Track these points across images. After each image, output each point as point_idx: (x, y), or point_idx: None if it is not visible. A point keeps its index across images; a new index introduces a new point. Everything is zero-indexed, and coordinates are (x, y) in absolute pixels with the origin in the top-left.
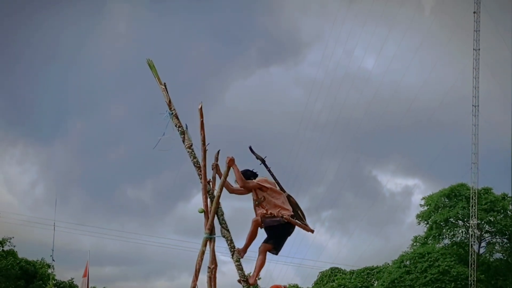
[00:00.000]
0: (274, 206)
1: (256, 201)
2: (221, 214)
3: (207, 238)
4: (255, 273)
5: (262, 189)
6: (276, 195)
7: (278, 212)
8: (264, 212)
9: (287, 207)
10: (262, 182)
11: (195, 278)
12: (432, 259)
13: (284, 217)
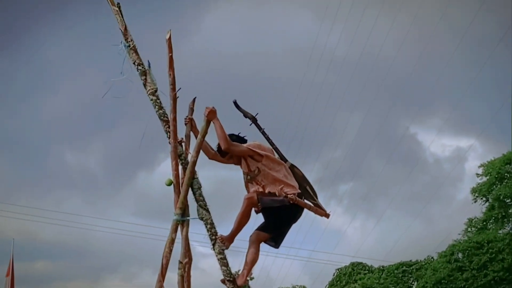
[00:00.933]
0: (273, 181)
1: (248, 175)
2: (198, 187)
3: (178, 222)
4: (245, 270)
5: (255, 158)
6: (275, 165)
7: (280, 190)
8: (260, 190)
9: (291, 182)
10: (254, 147)
11: (162, 277)
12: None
13: (288, 196)
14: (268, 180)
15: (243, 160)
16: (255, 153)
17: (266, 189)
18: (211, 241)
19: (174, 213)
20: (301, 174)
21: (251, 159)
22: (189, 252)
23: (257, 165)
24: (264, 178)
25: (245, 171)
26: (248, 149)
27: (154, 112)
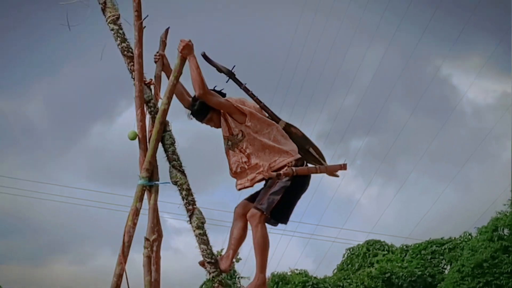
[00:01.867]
0: (260, 147)
1: (228, 141)
2: (171, 143)
3: (144, 187)
4: (230, 250)
5: (238, 118)
6: (264, 127)
7: (267, 169)
8: (244, 160)
9: (285, 147)
10: (237, 102)
11: (123, 259)
12: None
13: (282, 173)
14: (254, 147)
15: (223, 120)
16: (238, 111)
17: (251, 159)
18: (187, 213)
19: (139, 176)
20: (301, 134)
21: (233, 119)
22: (158, 227)
23: (241, 127)
24: (249, 145)
25: (225, 135)
26: (229, 103)
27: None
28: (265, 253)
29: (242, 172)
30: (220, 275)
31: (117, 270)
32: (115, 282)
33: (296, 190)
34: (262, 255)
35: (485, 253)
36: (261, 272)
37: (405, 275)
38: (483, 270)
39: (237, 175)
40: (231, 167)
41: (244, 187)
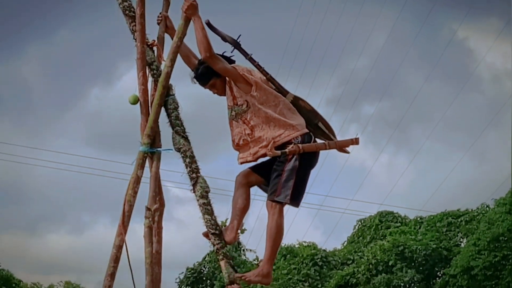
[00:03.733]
0: (265, 120)
1: (232, 110)
2: (174, 108)
3: (146, 154)
4: (234, 221)
5: (243, 87)
6: (270, 99)
7: (271, 148)
8: (247, 132)
9: (292, 120)
10: (244, 71)
11: (123, 229)
12: None
13: (287, 151)
14: (259, 119)
15: (228, 88)
16: (244, 79)
17: (255, 132)
18: (191, 181)
19: (140, 142)
20: (310, 107)
21: (238, 88)
22: (160, 196)
23: (246, 97)
24: (254, 116)
25: (229, 105)
26: (235, 71)
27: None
28: (276, 244)
29: (245, 145)
30: (224, 247)
31: (116, 241)
32: (115, 253)
33: (305, 169)
34: (273, 245)
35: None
36: (267, 263)
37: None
38: (500, 243)
39: (239, 148)
40: (234, 139)
41: (246, 161)
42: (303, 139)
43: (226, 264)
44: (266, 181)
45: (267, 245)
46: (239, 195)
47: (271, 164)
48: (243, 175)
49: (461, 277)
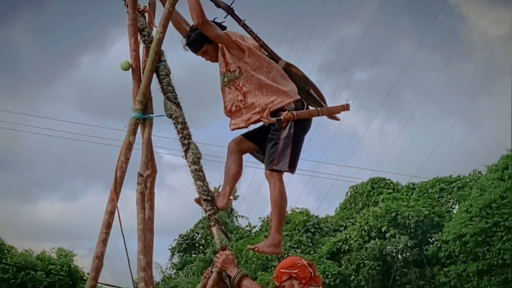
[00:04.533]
0: (258, 86)
1: (224, 77)
2: (166, 74)
3: (138, 120)
4: (227, 187)
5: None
6: (263, 65)
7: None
8: (239, 98)
9: (284, 87)
10: (236, 37)
11: (115, 195)
12: None
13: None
14: (252, 85)
15: (221, 55)
16: (236, 46)
17: (247, 98)
18: (183, 147)
19: (132, 108)
20: (301, 74)
21: (230, 54)
22: (152, 162)
23: (239, 64)
24: (246, 83)
25: (222, 71)
26: (228, 37)
27: None
28: (282, 212)
29: (237, 111)
30: (216, 213)
31: (108, 207)
32: (107, 220)
33: (300, 135)
34: (279, 214)
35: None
36: (276, 232)
37: (411, 215)
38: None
39: (231, 114)
40: (226, 105)
41: (239, 128)
42: (296, 106)
43: (218, 230)
44: (259, 148)
45: (273, 215)
46: (232, 161)
47: (263, 131)
48: (236, 142)
49: (453, 243)
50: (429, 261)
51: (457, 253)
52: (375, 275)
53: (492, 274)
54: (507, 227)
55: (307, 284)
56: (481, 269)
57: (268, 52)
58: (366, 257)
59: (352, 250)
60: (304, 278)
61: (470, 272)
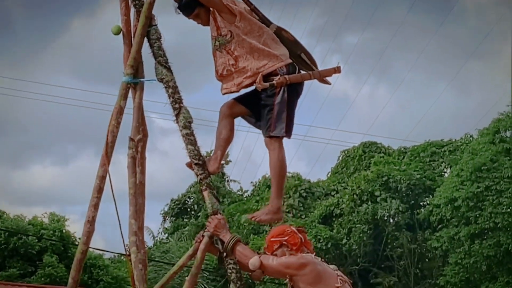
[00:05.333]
0: (249, 50)
1: (216, 41)
2: (157, 38)
3: (129, 84)
4: (218, 151)
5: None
6: (254, 29)
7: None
8: (231, 62)
9: (276, 51)
10: (227, 1)
11: (106, 159)
12: None
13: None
14: (243, 49)
15: (212, 19)
16: (228, 9)
17: (239, 62)
18: (174, 111)
19: (123, 73)
20: (292, 38)
21: (222, 18)
22: (143, 126)
23: (230, 28)
24: (238, 47)
25: (213, 35)
26: (219, 1)
27: None
28: (282, 179)
29: (229, 76)
30: (208, 177)
31: (100, 171)
32: (98, 184)
33: (293, 99)
34: (279, 180)
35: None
36: (276, 198)
37: (403, 179)
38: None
39: (223, 78)
40: (217, 69)
41: (230, 92)
42: (288, 70)
43: (210, 195)
44: (250, 112)
45: (273, 181)
46: (223, 126)
47: (255, 95)
48: (228, 106)
49: (445, 207)
50: (420, 225)
51: (449, 217)
52: (366, 239)
53: (483, 238)
54: (498, 191)
55: (298, 250)
56: (473, 233)
57: (259, 16)
58: (358, 221)
59: (343, 214)
60: (295, 245)
61: (462, 236)
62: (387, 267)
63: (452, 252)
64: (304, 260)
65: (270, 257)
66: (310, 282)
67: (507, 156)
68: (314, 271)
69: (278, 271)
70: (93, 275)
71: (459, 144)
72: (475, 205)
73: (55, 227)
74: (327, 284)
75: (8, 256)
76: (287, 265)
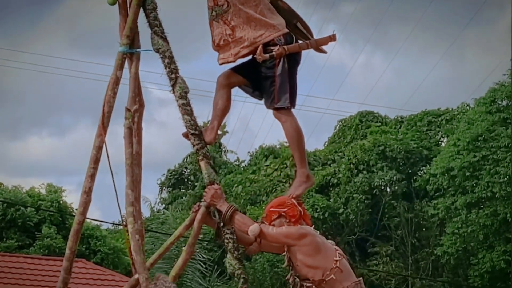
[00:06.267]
0: (246, 20)
1: (212, 11)
2: (153, 8)
3: (125, 55)
4: (215, 121)
5: None
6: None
7: (260, 51)
8: (227, 32)
9: (272, 20)
10: None
11: (102, 130)
12: None
13: (274, 53)
14: (240, 19)
15: None
16: None
17: (236, 32)
18: (170, 81)
19: (119, 43)
20: (287, 7)
21: None
22: (140, 97)
23: None
24: (234, 17)
25: (210, 5)
26: None
27: None
28: (301, 147)
29: (226, 45)
30: (204, 147)
31: (96, 142)
32: (95, 155)
33: (293, 69)
34: (299, 149)
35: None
36: (302, 167)
37: (399, 148)
38: (479, 143)
39: (220, 48)
40: (214, 39)
41: (227, 62)
42: (286, 40)
43: (206, 165)
44: (248, 82)
45: (294, 152)
46: (220, 96)
47: (252, 65)
48: (225, 76)
49: (442, 177)
50: (417, 194)
51: (445, 186)
52: (363, 208)
53: (480, 207)
54: (495, 160)
55: (296, 223)
56: (470, 202)
57: None
58: (355, 190)
59: (340, 183)
60: (293, 217)
61: (458, 205)
62: (384, 237)
63: (449, 222)
64: (304, 230)
65: (269, 226)
66: (309, 254)
67: (504, 126)
68: (313, 242)
69: (277, 240)
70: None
71: (456, 113)
72: (471, 174)
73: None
74: (326, 257)
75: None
76: (286, 235)
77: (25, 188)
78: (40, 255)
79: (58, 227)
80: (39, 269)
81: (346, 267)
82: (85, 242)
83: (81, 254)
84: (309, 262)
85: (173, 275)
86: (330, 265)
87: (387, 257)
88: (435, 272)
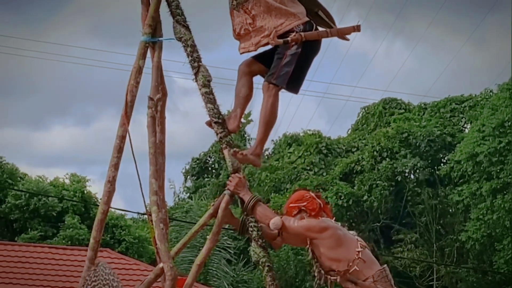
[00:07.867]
0: (267, 9)
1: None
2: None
3: (147, 44)
4: (238, 109)
5: None
6: None
7: (274, 36)
8: (248, 22)
9: (293, 9)
10: None
11: (126, 119)
12: None
13: (290, 39)
14: (260, 8)
15: None
16: None
17: (256, 21)
18: (193, 70)
19: (141, 32)
20: None
21: None
22: (162, 86)
23: None
24: (255, 6)
25: None
26: None
27: None
28: (269, 126)
29: (246, 35)
30: (228, 135)
31: (119, 131)
32: (118, 144)
33: (307, 56)
34: (265, 128)
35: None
36: (260, 144)
37: (423, 135)
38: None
39: (240, 37)
40: (235, 28)
41: (248, 51)
42: (305, 28)
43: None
44: (269, 70)
45: (260, 127)
46: (242, 84)
47: (273, 53)
48: (246, 64)
49: (466, 163)
50: (441, 181)
51: (470, 173)
52: (387, 196)
53: (505, 192)
54: None
55: (317, 216)
56: (495, 187)
57: None
58: (379, 177)
59: (364, 171)
60: (313, 210)
61: (483, 191)
62: (408, 224)
63: (474, 208)
64: (325, 224)
65: (291, 218)
66: (331, 246)
67: None
68: (335, 235)
69: (298, 233)
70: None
71: (479, 100)
72: (497, 160)
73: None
74: (348, 249)
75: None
76: (308, 228)
77: (49, 178)
78: (64, 245)
79: (81, 217)
80: (64, 259)
81: (368, 257)
82: (110, 231)
83: (106, 243)
84: (332, 255)
85: (198, 264)
86: (352, 256)
87: (411, 244)
88: (460, 258)
